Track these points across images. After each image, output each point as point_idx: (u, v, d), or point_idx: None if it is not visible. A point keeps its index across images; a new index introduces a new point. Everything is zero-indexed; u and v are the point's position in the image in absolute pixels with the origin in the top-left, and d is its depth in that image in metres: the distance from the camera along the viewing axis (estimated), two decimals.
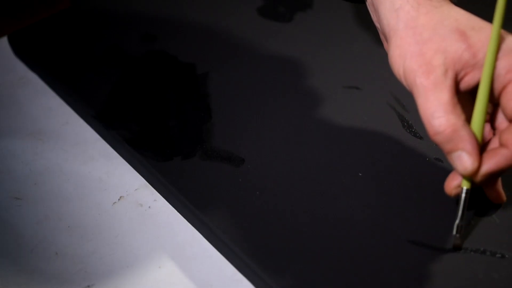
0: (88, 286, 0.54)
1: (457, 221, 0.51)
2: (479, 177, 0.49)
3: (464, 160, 0.48)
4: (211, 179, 0.58)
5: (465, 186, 0.50)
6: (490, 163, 0.48)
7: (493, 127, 0.52)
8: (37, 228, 0.57)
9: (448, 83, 0.48)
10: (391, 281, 0.51)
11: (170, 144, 0.61)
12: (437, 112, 0.48)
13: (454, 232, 0.52)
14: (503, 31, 0.49)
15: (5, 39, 0.72)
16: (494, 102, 0.51)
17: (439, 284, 0.51)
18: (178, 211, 0.58)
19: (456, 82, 0.49)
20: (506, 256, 0.52)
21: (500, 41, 0.48)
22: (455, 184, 0.51)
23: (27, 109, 0.67)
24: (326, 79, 0.66)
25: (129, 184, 0.60)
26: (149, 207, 0.59)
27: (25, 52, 0.70)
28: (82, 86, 0.66)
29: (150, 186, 0.60)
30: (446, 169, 0.58)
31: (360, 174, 0.58)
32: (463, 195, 0.50)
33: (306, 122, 0.62)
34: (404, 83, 0.51)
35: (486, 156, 0.49)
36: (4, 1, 0.74)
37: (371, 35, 0.70)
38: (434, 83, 0.48)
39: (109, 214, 0.58)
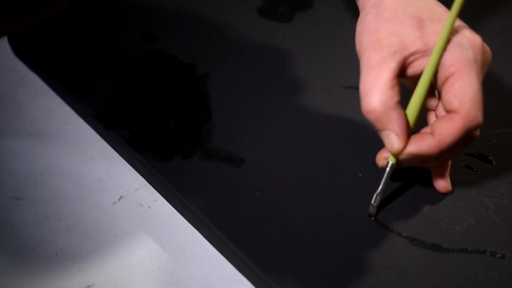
0: (88, 286, 0.54)
1: (377, 191, 0.54)
2: (402, 156, 0.51)
3: (391, 139, 0.51)
4: (211, 179, 0.58)
5: (391, 161, 0.52)
6: (414, 146, 0.51)
7: (436, 116, 0.53)
8: (37, 228, 0.57)
9: (392, 64, 0.50)
10: (391, 281, 0.51)
11: (170, 144, 0.61)
12: (372, 91, 0.50)
13: (372, 201, 0.54)
14: (459, 25, 0.51)
15: (5, 39, 0.72)
16: (439, 92, 0.52)
17: (439, 284, 0.51)
18: (178, 211, 0.58)
19: (403, 66, 0.50)
20: (506, 256, 0.52)
21: (452, 34, 0.50)
22: (384, 157, 0.53)
23: (27, 109, 0.66)
24: (326, 79, 0.66)
25: (129, 184, 0.60)
26: (149, 207, 0.59)
27: (25, 52, 0.70)
28: (82, 86, 0.66)
29: (150, 186, 0.60)
30: None
31: (360, 175, 0.58)
32: (388, 168, 0.53)
33: (306, 122, 0.62)
34: (359, 57, 0.52)
35: (413, 138, 0.51)
36: (4, 1, 0.73)
37: None
38: (378, 61, 0.50)
39: (109, 214, 0.58)
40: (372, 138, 0.60)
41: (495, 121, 0.62)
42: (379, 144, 0.60)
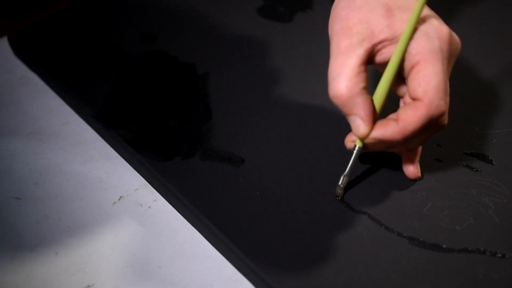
0: (88, 286, 0.54)
1: (344, 173, 0.55)
2: (367, 140, 0.52)
3: (357, 124, 0.52)
4: (211, 179, 0.58)
5: (358, 144, 0.53)
6: (378, 132, 0.52)
7: (404, 103, 0.54)
8: (37, 228, 0.57)
9: (359, 52, 0.51)
10: (391, 281, 0.51)
11: (170, 144, 0.61)
12: (339, 76, 0.51)
13: (339, 182, 0.55)
14: (428, 15, 0.51)
15: (5, 39, 0.72)
16: (406, 80, 0.53)
17: (439, 284, 0.51)
18: (178, 211, 0.58)
19: (371, 54, 0.52)
20: (506, 256, 0.52)
21: (419, 24, 0.51)
22: (352, 139, 0.54)
23: (27, 109, 0.66)
24: (326, 79, 0.66)
25: (129, 184, 0.60)
26: (149, 207, 0.59)
27: (25, 52, 0.70)
28: (82, 86, 0.66)
29: (150, 186, 0.60)
30: (446, 169, 0.58)
31: (360, 175, 0.58)
32: (355, 151, 0.54)
33: (306, 122, 0.62)
34: (330, 43, 0.53)
35: (378, 124, 0.52)
36: (4, 1, 0.73)
37: None
38: (347, 47, 0.51)
39: (109, 214, 0.58)
40: None
41: (495, 121, 0.62)
42: None
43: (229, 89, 0.66)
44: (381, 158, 0.59)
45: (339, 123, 0.62)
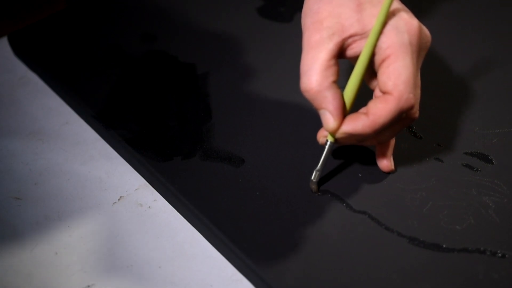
0: (88, 286, 0.54)
1: (316, 168, 0.55)
2: (338, 135, 0.53)
3: (326, 118, 0.52)
4: (211, 179, 0.58)
5: (330, 139, 0.54)
6: (348, 126, 0.52)
7: (375, 96, 0.54)
8: (37, 228, 0.57)
9: (329, 46, 0.51)
10: (391, 281, 0.51)
11: (170, 144, 0.61)
12: (309, 70, 0.51)
13: (312, 177, 0.56)
14: (398, 8, 0.51)
15: (5, 39, 0.72)
16: (376, 74, 0.53)
17: (439, 284, 0.51)
18: (178, 211, 0.58)
19: (341, 48, 0.52)
20: (506, 255, 0.52)
21: (389, 18, 0.51)
22: (324, 135, 0.55)
23: (27, 109, 0.67)
24: None
25: (129, 184, 0.60)
26: (149, 207, 0.59)
27: (25, 52, 0.70)
28: (82, 86, 0.66)
29: (150, 186, 0.60)
30: (446, 169, 0.58)
31: (360, 175, 0.58)
32: (327, 146, 0.54)
33: (306, 122, 0.62)
34: (302, 37, 0.53)
35: (348, 118, 0.52)
36: (4, 1, 0.73)
37: None
38: (317, 42, 0.51)
39: (109, 214, 0.58)
40: None
41: (495, 121, 0.62)
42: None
43: (229, 89, 0.66)
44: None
45: None
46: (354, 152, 0.59)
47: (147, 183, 0.60)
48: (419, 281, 0.51)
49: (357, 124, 0.52)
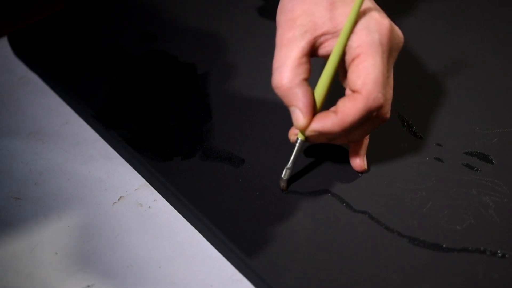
0: (88, 286, 0.54)
1: (287, 166, 0.55)
2: (307, 133, 0.53)
3: (296, 115, 0.52)
4: (211, 179, 0.58)
5: (300, 137, 0.54)
6: (317, 123, 0.52)
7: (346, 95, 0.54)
8: (37, 228, 0.57)
9: (301, 44, 0.51)
10: (391, 281, 0.51)
11: (170, 144, 0.61)
12: (280, 67, 0.52)
13: (282, 175, 0.56)
14: (370, 7, 0.52)
15: (5, 39, 0.72)
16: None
17: (439, 284, 0.51)
18: (178, 211, 0.58)
19: (314, 46, 0.52)
20: (507, 255, 0.52)
21: (360, 17, 0.51)
22: (295, 133, 0.55)
23: (27, 109, 0.67)
24: None
25: (129, 184, 0.60)
26: (149, 207, 0.59)
27: (25, 52, 0.70)
28: (82, 86, 0.66)
29: (150, 186, 0.60)
30: (446, 169, 0.58)
31: (360, 175, 0.58)
32: (297, 144, 0.54)
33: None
34: (276, 34, 0.54)
35: (317, 116, 0.53)
36: (4, 1, 0.73)
37: None
38: (289, 40, 0.52)
39: (109, 214, 0.58)
40: (372, 138, 0.60)
41: (495, 121, 0.62)
42: (380, 144, 0.60)
43: (229, 89, 0.66)
44: (378, 156, 0.59)
45: None
46: None
47: (147, 183, 0.60)
48: (419, 281, 0.51)
49: (326, 122, 0.52)
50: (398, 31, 0.53)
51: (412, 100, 0.64)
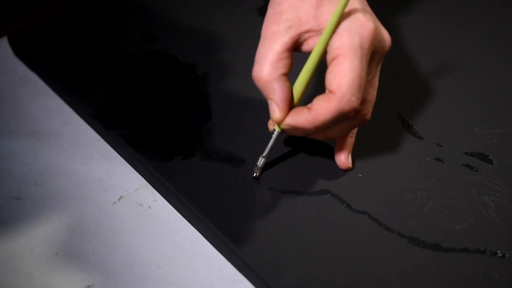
0: (88, 286, 0.54)
1: (263, 154, 0.57)
2: (282, 126, 0.54)
3: (273, 109, 0.53)
4: (211, 179, 0.58)
5: (277, 129, 0.55)
6: (291, 118, 0.53)
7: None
8: (37, 228, 0.57)
9: (285, 38, 0.52)
10: (391, 281, 0.51)
11: (170, 144, 0.61)
12: (261, 60, 0.52)
13: (258, 163, 0.57)
14: (356, 9, 0.52)
15: (5, 39, 0.72)
16: None
17: (439, 284, 0.51)
18: (178, 211, 0.58)
19: (297, 42, 0.53)
20: (507, 255, 0.52)
21: (344, 18, 0.51)
22: (273, 123, 0.55)
23: (27, 109, 0.67)
24: None
25: (129, 184, 0.60)
26: (149, 207, 0.59)
27: (25, 52, 0.70)
28: (82, 86, 0.66)
29: (150, 186, 0.60)
30: (446, 169, 0.58)
31: (360, 175, 0.58)
32: (274, 135, 0.55)
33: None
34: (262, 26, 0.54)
35: (292, 111, 0.53)
36: (4, 1, 0.73)
37: None
38: (273, 33, 0.52)
39: (109, 214, 0.58)
40: (372, 138, 0.60)
41: (495, 121, 0.62)
42: (379, 144, 0.60)
43: (229, 89, 0.66)
44: (378, 156, 0.59)
45: None
46: (354, 152, 0.59)
47: (147, 183, 0.60)
48: (419, 281, 0.51)
49: (299, 118, 0.53)
50: (384, 34, 0.53)
51: (412, 100, 0.64)
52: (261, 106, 0.63)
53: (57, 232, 0.57)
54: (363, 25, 0.51)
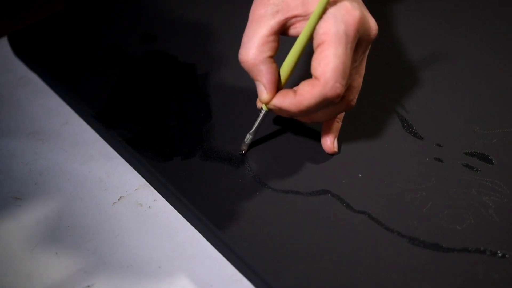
0: (88, 286, 0.54)
1: (250, 131, 0.58)
2: (269, 106, 0.55)
3: (260, 90, 0.55)
4: (211, 179, 0.58)
5: (264, 108, 0.56)
6: (277, 100, 0.54)
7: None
8: (37, 228, 0.57)
9: (271, 22, 0.53)
10: (391, 281, 0.51)
11: (170, 144, 0.61)
12: (247, 42, 0.53)
13: (245, 139, 0.59)
14: None
15: (5, 39, 0.72)
16: None
17: (439, 284, 0.51)
18: (178, 211, 0.58)
19: (284, 26, 0.53)
20: (507, 255, 0.52)
21: (331, 5, 0.52)
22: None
23: (27, 109, 0.67)
24: None
25: (129, 184, 0.60)
26: (149, 207, 0.59)
27: (25, 52, 0.70)
28: (82, 86, 0.66)
29: (150, 186, 0.60)
30: (446, 169, 0.58)
31: (360, 175, 0.58)
32: (261, 113, 0.57)
33: (306, 122, 0.62)
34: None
35: (280, 92, 0.55)
36: (4, 1, 0.73)
37: None
38: (260, 16, 0.53)
39: (109, 214, 0.58)
40: (372, 138, 0.60)
41: (495, 121, 0.62)
42: (379, 144, 0.60)
43: (229, 89, 0.66)
44: (378, 156, 0.59)
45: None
46: (354, 152, 0.59)
47: (147, 183, 0.60)
48: (419, 281, 0.51)
49: (284, 100, 0.54)
50: (370, 23, 0.54)
51: (412, 100, 0.64)
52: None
53: (57, 232, 0.57)
54: (349, 13, 0.52)
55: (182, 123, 0.63)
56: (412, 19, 0.73)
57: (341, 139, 0.60)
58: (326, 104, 0.53)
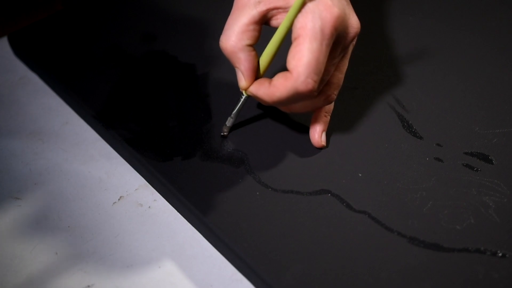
0: (88, 286, 0.54)
1: (231, 115, 0.60)
2: (248, 93, 0.57)
3: (239, 76, 0.56)
4: (211, 179, 0.58)
5: (244, 94, 0.58)
6: (253, 88, 0.56)
7: None
8: (37, 228, 0.57)
9: (252, 12, 0.54)
10: (391, 281, 0.51)
11: (170, 144, 0.61)
12: (228, 30, 0.54)
13: (226, 122, 0.60)
14: None
15: (5, 39, 0.72)
16: None
17: (439, 284, 0.51)
18: (178, 211, 0.58)
19: (265, 17, 0.54)
20: (507, 255, 0.52)
21: (311, 0, 0.52)
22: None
23: (27, 109, 0.67)
24: None
25: (129, 184, 0.60)
26: (149, 207, 0.59)
27: (25, 52, 0.70)
28: (82, 86, 0.66)
29: (150, 186, 0.60)
30: (446, 169, 0.58)
31: (360, 175, 0.58)
32: (242, 98, 0.59)
33: (307, 122, 0.62)
34: None
35: (257, 81, 0.56)
36: (4, 2, 0.73)
37: (371, 36, 0.70)
38: (243, 5, 0.54)
39: (109, 214, 0.58)
40: (372, 138, 0.60)
41: (495, 121, 0.62)
42: (379, 144, 0.60)
43: (229, 89, 0.66)
44: (378, 155, 0.59)
45: (340, 123, 0.62)
46: (354, 152, 0.59)
47: (147, 183, 0.60)
48: (419, 281, 0.51)
49: (260, 89, 0.55)
50: (351, 21, 0.54)
51: (412, 100, 0.64)
52: (261, 106, 0.63)
53: (57, 232, 0.57)
54: (328, 10, 0.52)
55: (182, 123, 0.63)
56: (411, 20, 0.73)
57: (341, 139, 0.60)
58: (300, 98, 0.54)
